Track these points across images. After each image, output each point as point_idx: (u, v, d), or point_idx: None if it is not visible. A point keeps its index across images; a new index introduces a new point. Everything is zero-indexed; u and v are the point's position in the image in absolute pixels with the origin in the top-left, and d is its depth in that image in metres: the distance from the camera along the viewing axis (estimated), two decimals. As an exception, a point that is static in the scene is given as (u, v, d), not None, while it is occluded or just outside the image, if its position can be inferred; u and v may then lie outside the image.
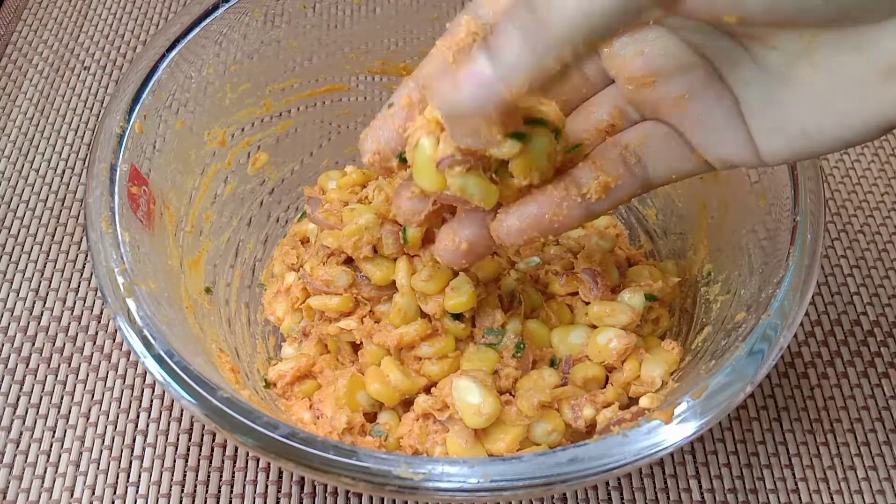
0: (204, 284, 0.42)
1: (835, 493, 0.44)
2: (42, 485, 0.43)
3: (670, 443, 0.30)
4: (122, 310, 0.32)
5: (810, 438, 0.46)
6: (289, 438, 0.29)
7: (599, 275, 0.42)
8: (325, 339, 0.43)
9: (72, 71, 0.62)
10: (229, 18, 0.42)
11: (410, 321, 0.40)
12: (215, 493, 0.43)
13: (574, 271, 0.43)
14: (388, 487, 0.29)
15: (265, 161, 0.48)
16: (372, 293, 0.41)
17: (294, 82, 0.47)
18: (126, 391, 0.46)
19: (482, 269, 0.41)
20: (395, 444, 0.40)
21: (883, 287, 0.52)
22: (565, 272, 0.43)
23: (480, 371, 0.39)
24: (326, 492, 0.43)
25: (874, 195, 0.57)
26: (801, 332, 0.50)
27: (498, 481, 0.29)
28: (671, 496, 0.44)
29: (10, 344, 0.48)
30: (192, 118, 0.42)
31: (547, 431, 0.38)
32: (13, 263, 0.51)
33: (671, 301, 0.44)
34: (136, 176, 0.37)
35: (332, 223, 0.43)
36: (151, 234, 0.37)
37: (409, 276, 0.40)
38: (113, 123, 0.37)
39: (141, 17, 0.66)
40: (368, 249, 0.41)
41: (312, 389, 0.43)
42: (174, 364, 0.31)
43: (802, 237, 0.34)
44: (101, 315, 0.49)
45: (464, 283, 0.39)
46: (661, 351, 0.40)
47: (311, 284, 0.42)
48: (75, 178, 0.56)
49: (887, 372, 0.49)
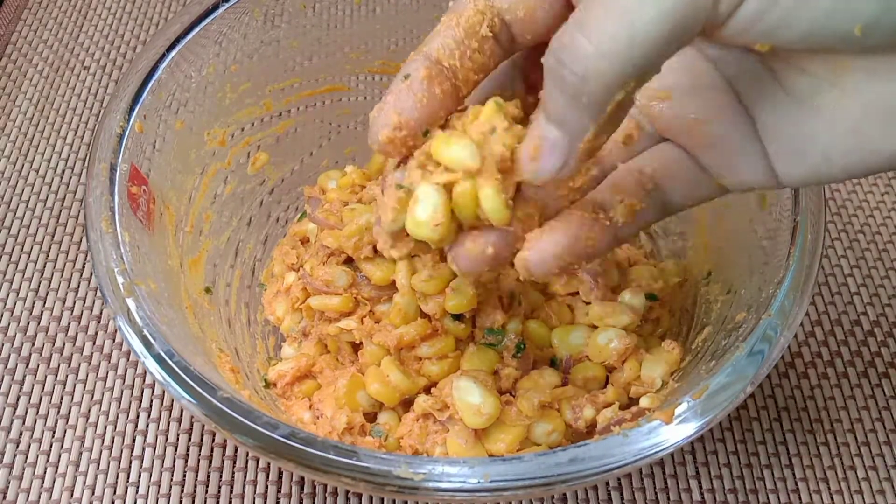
0: (204, 284, 0.42)
1: (835, 493, 0.44)
2: (42, 485, 0.43)
3: (670, 443, 0.30)
4: (122, 310, 0.32)
5: (810, 438, 0.46)
6: (289, 438, 0.29)
7: (600, 275, 0.42)
8: (324, 339, 0.43)
9: (72, 71, 0.62)
10: (229, 18, 0.42)
11: (410, 321, 0.40)
12: (215, 493, 0.43)
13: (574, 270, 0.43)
14: (389, 488, 0.29)
15: (265, 161, 0.48)
16: (372, 293, 0.41)
17: (294, 82, 0.47)
18: (126, 391, 0.46)
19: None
20: (395, 445, 0.40)
21: (883, 287, 0.52)
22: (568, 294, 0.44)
23: (481, 371, 0.39)
24: (326, 492, 0.43)
25: (874, 195, 0.57)
26: (802, 332, 0.50)
27: (498, 481, 0.29)
28: (671, 496, 0.44)
29: (10, 344, 0.48)
30: (192, 118, 0.42)
31: (547, 432, 0.38)
32: (13, 263, 0.51)
33: (671, 301, 0.44)
34: (136, 176, 0.37)
35: (332, 223, 0.43)
36: (151, 234, 0.37)
37: (410, 277, 0.40)
38: (113, 123, 0.37)
39: (141, 17, 0.66)
40: (369, 249, 0.41)
41: (312, 389, 0.43)
42: (174, 364, 0.31)
43: (802, 237, 0.34)
44: (100, 315, 0.49)
45: (464, 284, 0.39)
46: (662, 351, 0.40)
47: (311, 284, 0.42)
48: (75, 178, 0.56)
49: (887, 372, 0.49)
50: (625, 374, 0.39)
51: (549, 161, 0.25)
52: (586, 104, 0.23)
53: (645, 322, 0.42)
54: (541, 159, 0.25)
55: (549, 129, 0.24)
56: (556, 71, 0.22)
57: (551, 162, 0.25)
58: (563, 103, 0.23)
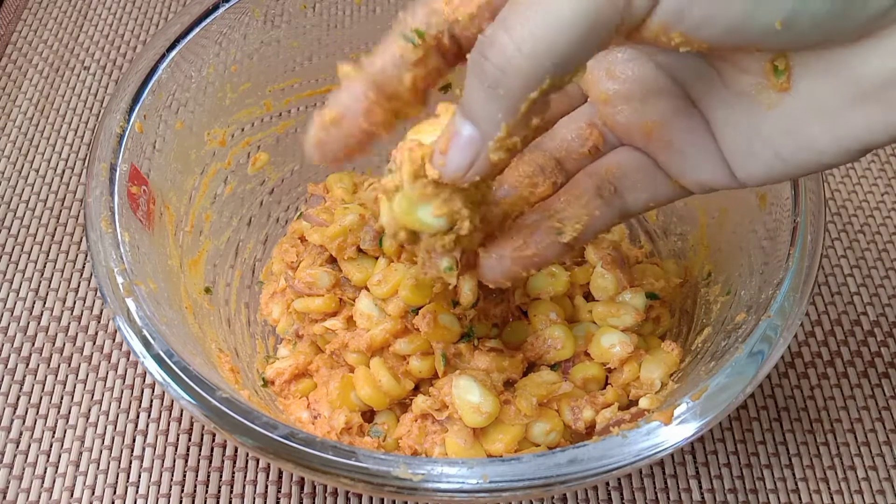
0: (204, 284, 0.42)
1: (835, 493, 0.44)
2: (42, 485, 0.43)
3: (670, 444, 0.30)
4: (122, 310, 0.32)
5: (810, 438, 0.46)
6: (288, 439, 0.29)
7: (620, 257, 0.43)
8: (315, 339, 0.43)
9: (72, 71, 0.62)
10: (229, 18, 0.42)
11: (379, 323, 0.40)
12: (215, 493, 0.43)
13: (583, 260, 0.43)
14: (387, 488, 0.29)
15: (265, 161, 0.48)
16: (355, 294, 0.42)
17: (294, 82, 0.47)
18: (126, 391, 0.46)
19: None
20: (393, 445, 0.40)
21: (883, 287, 0.52)
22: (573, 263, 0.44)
23: (480, 371, 0.39)
24: (326, 492, 0.43)
25: (874, 195, 0.57)
26: (801, 333, 0.50)
27: (497, 482, 0.29)
28: (671, 496, 0.44)
29: (10, 344, 0.48)
30: (192, 118, 0.42)
31: (545, 431, 0.38)
32: (13, 263, 0.51)
33: (672, 301, 0.44)
34: (136, 176, 0.37)
35: (322, 220, 0.43)
36: (151, 234, 0.37)
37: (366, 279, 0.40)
38: (113, 123, 0.37)
39: (141, 17, 0.66)
40: (353, 250, 0.41)
41: (309, 389, 0.43)
42: (173, 364, 0.31)
43: (802, 238, 0.34)
44: (100, 315, 0.49)
45: (418, 277, 0.39)
46: (661, 352, 0.40)
47: (294, 287, 0.42)
48: (75, 178, 0.56)
49: (887, 372, 0.49)
50: (624, 374, 0.39)
51: (457, 156, 0.25)
52: (502, 96, 0.23)
53: (645, 321, 0.42)
54: (449, 153, 0.25)
55: (463, 124, 0.24)
56: (478, 64, 0.23)
57: (460, 157, 0.25)
58: (481, 97, 0.23)
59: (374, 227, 0.41)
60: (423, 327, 0.38)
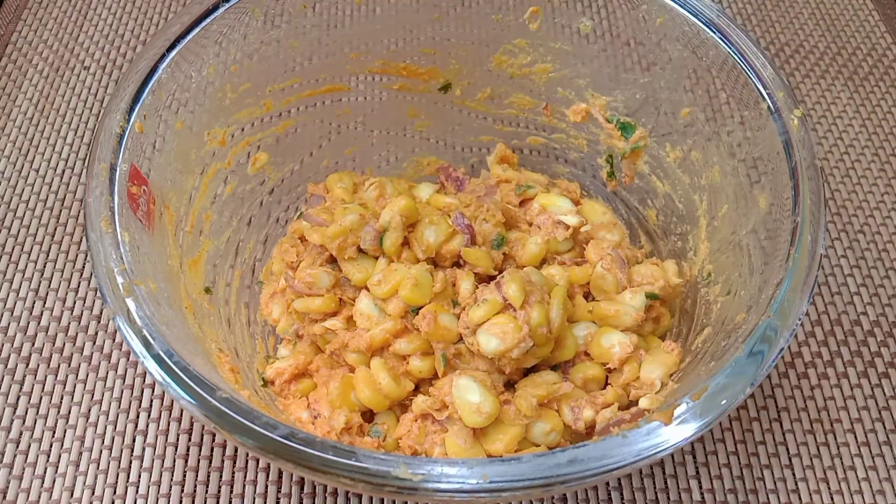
0: (204, 284, 0.42)
1: (835, 493, 0.44)
2: (42, 485, 0.43)
3: (670, 444, 0.30)
4: (122, 310, 0.32)
5: (810, 439, 0.46)
6: (288, 439, 0.29)
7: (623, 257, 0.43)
8: (315, 339, 0.43)
9: (72, 71, 0.62)
10: (229, 18, 0.42)
11: (379, 323, 0.40)
12: (215, 493, 0.43)
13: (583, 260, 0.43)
14: (388, 488, 0.29)
15: (265, 161, 0.48)
16: (355, 294, 0.42)
17: (294, 82, 0.47)
18: (126, 391, 0.46)
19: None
20: (393, 445, 0.40)
21: (883, 287, 0.52)
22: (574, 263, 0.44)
23: (480, 371, 0.39)
24: (326, 492, 0.43)
25: (874, 195, 0.57)
26: (801, 333, 0.50)
27: (497, 482, 0.29)
28: (671, 496, 0.44)
29: (10, 344, 0.48)
30: (192, 118, 0.42)
31: (545, 431, 0.38)
32: (13, 263, 0.51)
33: (672, 301, 0.44)
34: (136, 176, 0.37)
35: (322, 220, 0.43)
36: (151, 234, 0.37)
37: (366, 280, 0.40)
38: (113, 123, 0.37)
39: (141, 17, 0.66)
40: (353, 250, 0.41)
41: (309, 389, 0.43)
42: (173, 364, 0.31)
43: (802, 238, 0.34)
44: (100, 315, 0.49)
45: (420, 276, 0.39)
46: (661, 352, 0.40)
47: (294, 287, 0.42)
48: (75, 178, 0.56)
49: (887, 372, 0.49)
50: (624, 374, 0.39)
51: None
52: None
53: (645, 321, 0.42)
54: None
55: None
56: None
57: None
58: None
59: (375, 227, 0.41)
60: (423, 327, 0.38)
